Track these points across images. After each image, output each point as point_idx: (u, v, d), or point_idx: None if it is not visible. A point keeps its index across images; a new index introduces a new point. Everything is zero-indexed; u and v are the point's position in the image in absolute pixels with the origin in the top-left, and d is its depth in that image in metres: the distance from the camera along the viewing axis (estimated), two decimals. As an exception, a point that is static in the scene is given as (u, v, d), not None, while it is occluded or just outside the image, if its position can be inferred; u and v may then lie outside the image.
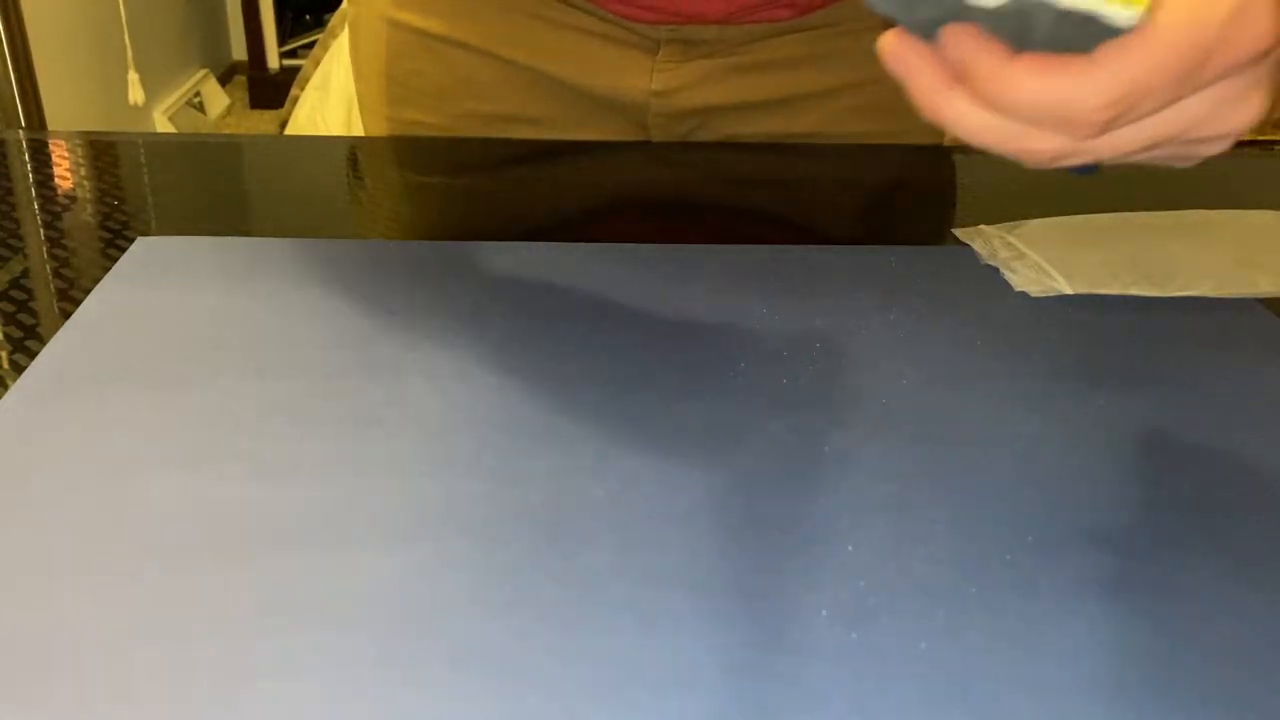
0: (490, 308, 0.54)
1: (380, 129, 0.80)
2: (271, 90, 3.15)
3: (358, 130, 0.86)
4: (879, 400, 0.48)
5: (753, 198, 0.70)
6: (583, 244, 0.60)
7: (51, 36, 2.14)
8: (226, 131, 3.10)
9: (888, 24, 0.79)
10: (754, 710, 0.33)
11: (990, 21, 0.31)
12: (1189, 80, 0.32)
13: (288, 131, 2.09)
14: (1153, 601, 0.38)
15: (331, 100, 1.66)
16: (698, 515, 0.40)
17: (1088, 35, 0.30)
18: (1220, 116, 0.33)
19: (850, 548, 0.39)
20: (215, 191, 0.68)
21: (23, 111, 1.86)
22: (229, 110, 3.24)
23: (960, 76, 0.33)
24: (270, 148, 0.79)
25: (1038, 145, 0.34)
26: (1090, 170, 0.36)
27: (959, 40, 0.32)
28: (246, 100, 3.29)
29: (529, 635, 0.35)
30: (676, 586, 0.37)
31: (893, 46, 0.34)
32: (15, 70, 1.83)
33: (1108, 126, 0.32)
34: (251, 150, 0.76)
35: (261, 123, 3.16)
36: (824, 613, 0.36)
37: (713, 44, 0.74)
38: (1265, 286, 0.57)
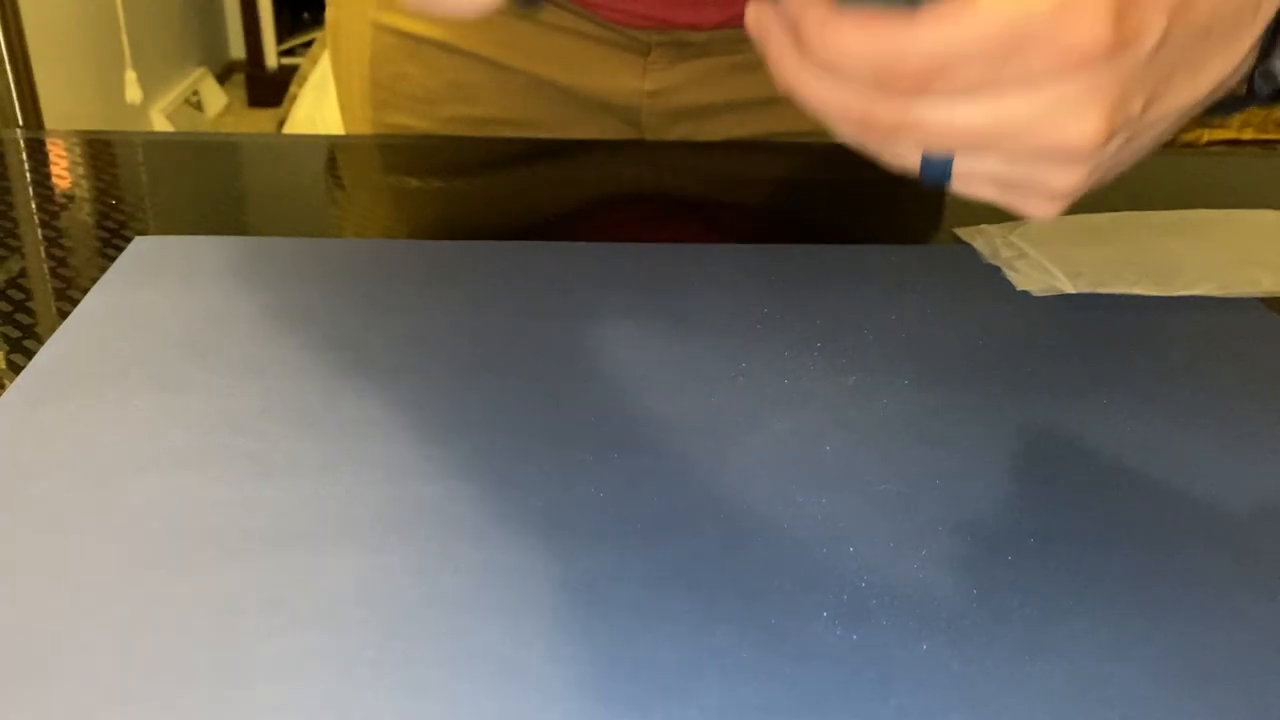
0: (489, 307, 0.53)
1: (364, 133, 0.80)
2: (270, 89, 3.15)
3: (356, 129, 0.86)
4: (880, 400, 0.47)
5: (748, 197, 0.69)
6: (584, 243, 0.60)
7: (49, 35, 2.14)
8: (225, 130, 3.09)
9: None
10: (754, 711, 0.33)
11: None
12: (1009, 61, 0.32)
13: (286, 130, 2.09)
14: (1153, 603, 0.37)
15: (330, 99, 1.66)
16: (698, 515, 0.40)
17: None
18: (1052, 123, 0.33)
19: (851, 548, 0.39)
20: (213, 190, 0.68)
21: (20, 110, 1.86)
22: (227, 109, 3.24)
23: (795, 36, 0.33)
24: (268, 146, 0.79)
25: (871, 112, 0.34)
26: (942, 179, 0.36)
27: (785, 7, 0.33)
28: (245, 99, 3.29)
29: (528, 636, 0.35)
30: (676, 587, 0.37)
31: (753, 14, 0.35)
32: (13, 69, 1.82)
33: (924, 87, 0.32)
34: (250, 149, 0.76)
35: (260, 121, 3.15)
36: (824, 613, 0.36)
37: (704, 45, 0.73)
38: (1268, 285, 0.57)
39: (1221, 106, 0.37)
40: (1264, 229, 0.64)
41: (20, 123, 1.86)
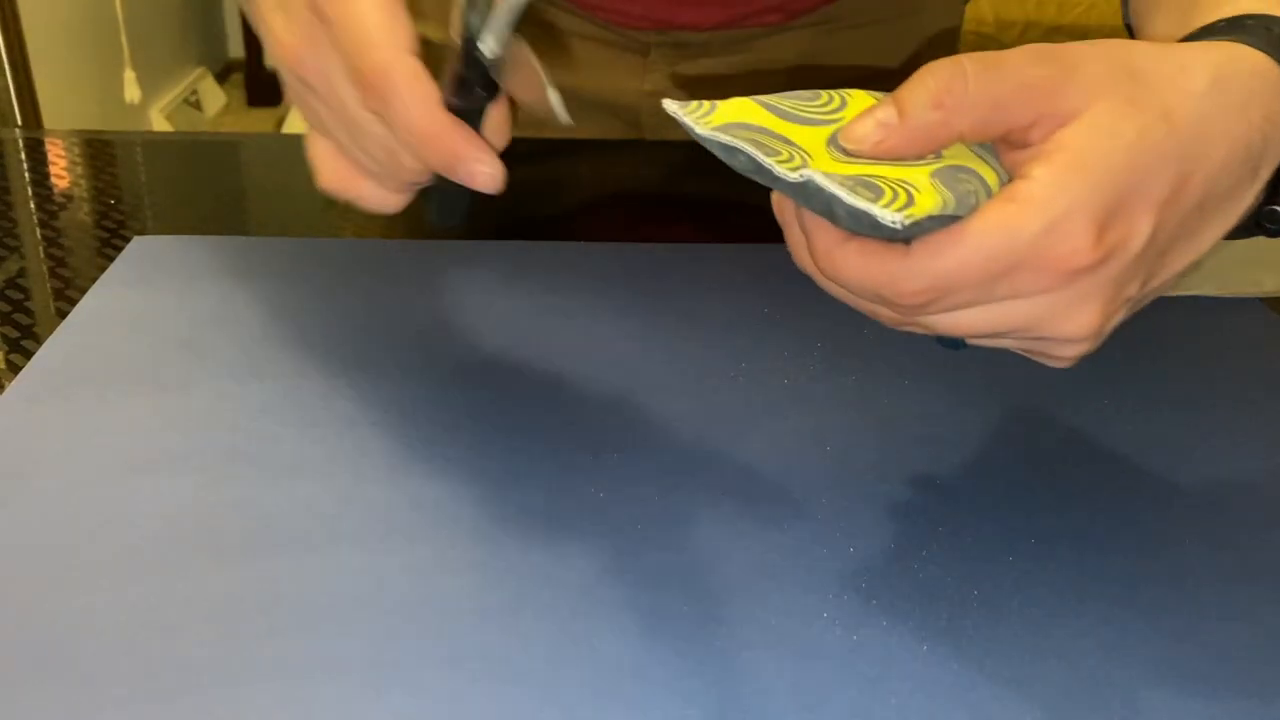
0: (489, 307, 0.53)
1: None
2: (269, 88, 3.15)
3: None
4: (880, 400, 0.47)
5: (748, 197, 0.69)
6: (582, 243, 0.60)
7: (48, 34, 2.13)
8: (224, 130, 3.09)
9: (879, 21, 0.78)
10: (754, 711, 0.33)
11: (800, 197, 0.33)
12: (999, 283, 0.33)
13: (285, 130, 2.09)
14: (1152, 603, 0.37)
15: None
16: (697, 515, 0.40)
17: (878, 228, 0.32)
18: (1049, 321, 0.34)
19: (851, 548, 0.39)
20: (212, 191, 0.68)
21: (19, 110, 1.86)
22: (226, 108, 3.23)
23: (809, 245, 0.35)
24: (268, 146, 0.79)
25: (879, 312, 0.36)
26: (957, 346, 0.38)
27: (803, 214, 0.35)
28: (244, 98, 3.28)
29: (527, 636, 0.35)
30: (676, 587, 0.37)
31: (777, 200, 0.37)
32: (12, 68, 1.82)
33: (923, 309, 0.34)
34: (249, 149, 0.76)
35: (259, 121, 3.15)
36: (824, 614, 0.36)
37: (704, 46, 0.73)
38: (1269, 286, 0.57)
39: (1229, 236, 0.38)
40: (1264, 229, 0.64)
41: (19, 122, 1.86)
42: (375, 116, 0.40)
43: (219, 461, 0.42)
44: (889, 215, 0.31)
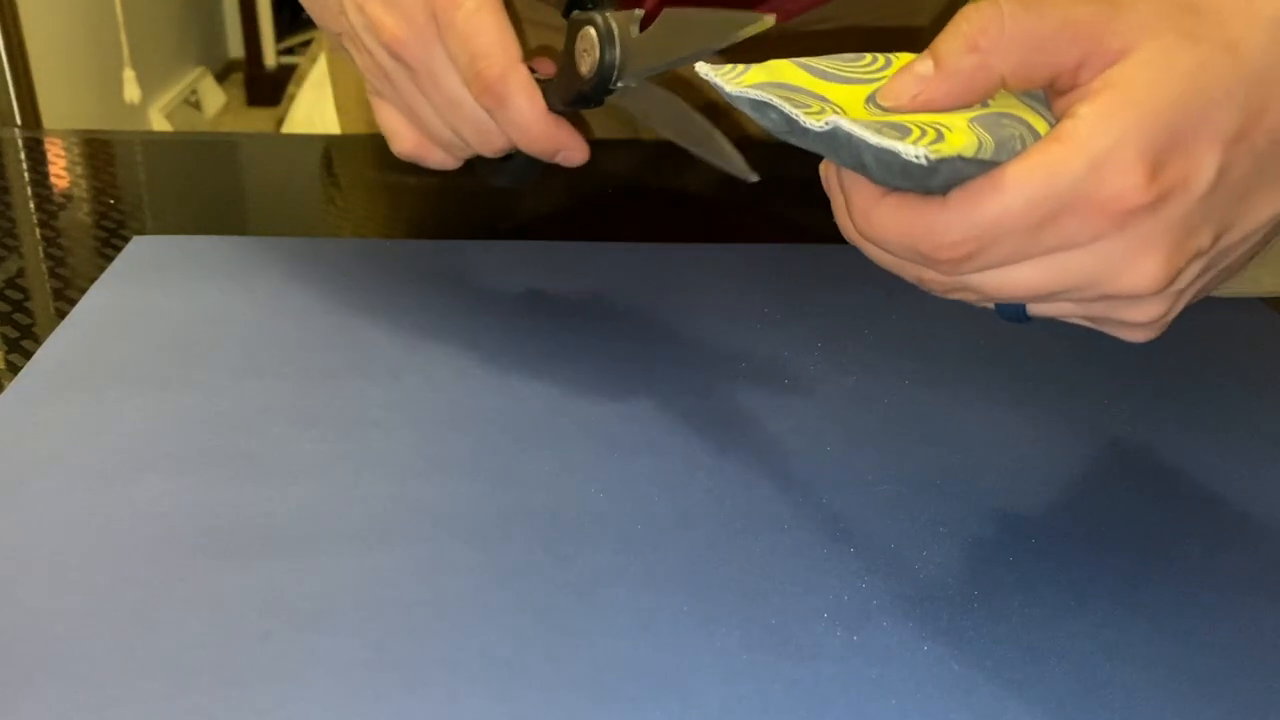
0: (488, 307, 0.53)
1: (361, 133, 0.79)
2: (269, 88, 3.15)
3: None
4: (880, 401, 0.47)
5: (749, 197, 0.69)
6: (582, 243, 0.60)
7: (48, 34, 2.13)
8: (223, 130, 3.09)
9: (881, 20, 0.78)
10: (754, 712, 0.33)
11: (831, 150, 0.32)
12: (1045, 230, 0.31)
13: (285, 129, 2.09)
14: (1153, 603, 0.37)
15: (329, 98, 1.65)
16: (698, 516, 0.40)
17: (907, 170, 0.31)
18: (1108, 273, 0.32)
19: (851, 548, 0.39)
20: (212, 190, 0.68)
21: (19, 109, 1.86)
22: (226, 108, 3.24)
23: (848, 207, 0.34)
24: (268, 146, 0.79)
25: (923, 276, 0.35)
26: (1020, 318, 0.37)
27: (843, 176, 0.34)
28: (243, 98, 3.29)
29: (527, 637, 0.35)
30: (676, 588, 0.37)
31: (823, 168, 0.36)
32: (11, 68, 1.82)
33: (966, 264, 0.32)
34: (248, 148, 0.76)
35: (258, 121, 3.15)
36: (825, 615, 0.36)
37: None
38: (1268, 285, 0.57)
39: None
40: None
41: (19, 122, 1.86)
42: (483, 108, 0.48)
43: (219, 461, 0.42)
44: (913, 150, 0.30)
